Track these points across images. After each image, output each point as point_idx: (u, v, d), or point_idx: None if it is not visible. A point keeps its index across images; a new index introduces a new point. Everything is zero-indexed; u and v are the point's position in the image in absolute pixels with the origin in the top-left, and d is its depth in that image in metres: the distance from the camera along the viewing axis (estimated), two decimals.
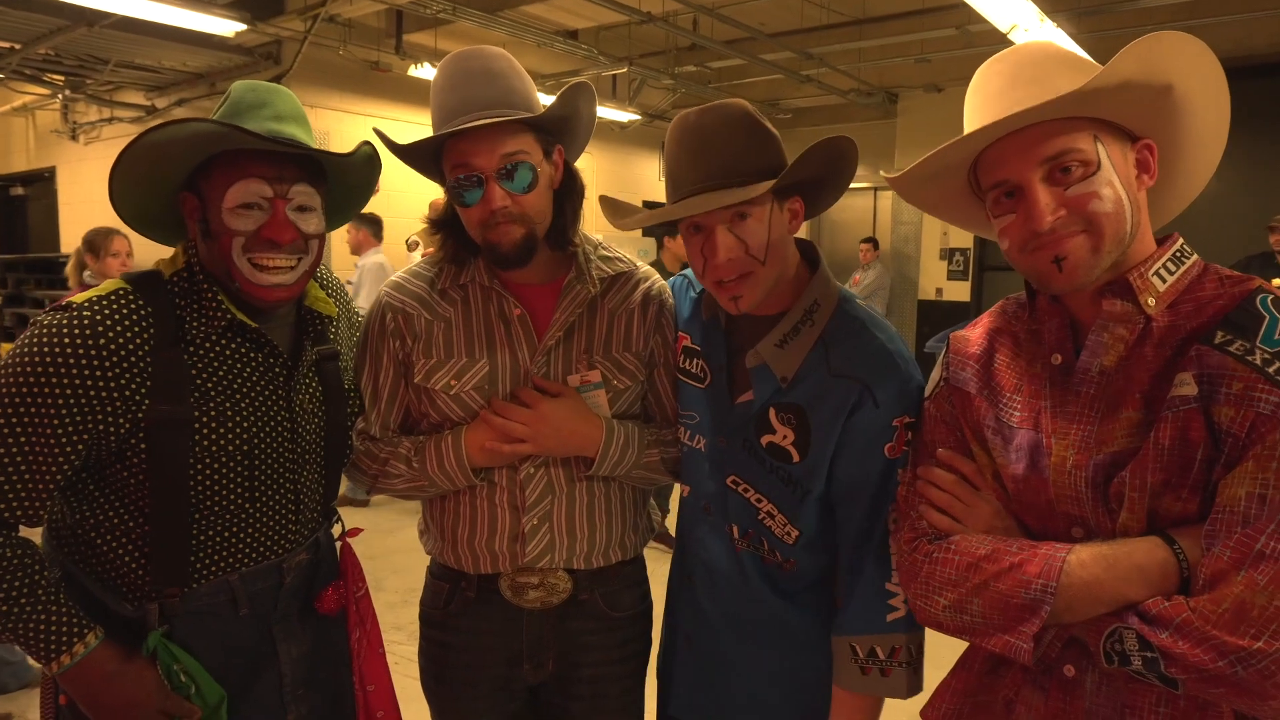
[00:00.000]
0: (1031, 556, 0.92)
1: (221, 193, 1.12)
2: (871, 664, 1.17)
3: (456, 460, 1.28)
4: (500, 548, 1.32)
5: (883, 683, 1.17)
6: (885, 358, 1.18)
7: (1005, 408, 1.03)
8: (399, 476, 1.32)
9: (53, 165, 8.71)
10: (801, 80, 7.20)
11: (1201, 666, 0.80)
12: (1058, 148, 0.91)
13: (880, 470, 1.16)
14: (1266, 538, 0.80)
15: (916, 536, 1.05)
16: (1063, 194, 0.92)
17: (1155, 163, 0.95)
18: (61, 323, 1.06)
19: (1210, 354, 0.86)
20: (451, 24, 5.94)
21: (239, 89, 1.18)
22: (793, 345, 1.20)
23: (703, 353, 1.32)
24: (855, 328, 1.21)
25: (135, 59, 6.46)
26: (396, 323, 1.33)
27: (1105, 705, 0.92)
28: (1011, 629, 0.91)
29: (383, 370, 1.34)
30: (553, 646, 1.35)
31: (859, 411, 1.16)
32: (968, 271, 7.46)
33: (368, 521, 1.52)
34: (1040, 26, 4.85)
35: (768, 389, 1.22)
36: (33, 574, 1.08)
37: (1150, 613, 0.84)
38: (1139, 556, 0.87)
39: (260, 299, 1.15)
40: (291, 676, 1.26)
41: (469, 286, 1.33)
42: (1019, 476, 0.99)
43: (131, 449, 1.10)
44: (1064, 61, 0.95)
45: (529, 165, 1.22)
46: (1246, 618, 0.79)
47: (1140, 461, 0.88)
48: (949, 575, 0.98)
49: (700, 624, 1.33)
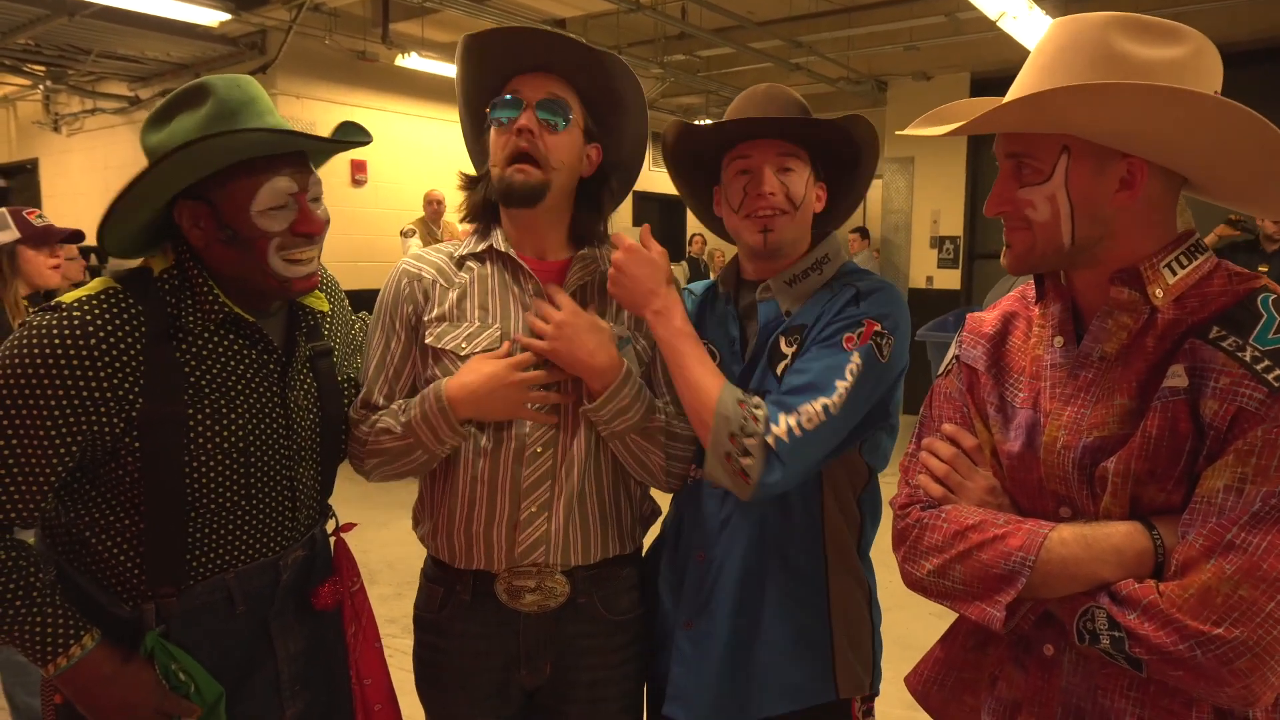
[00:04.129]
0: (1016, 530, 0.94)
1: (248, 197, 1.11)
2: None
3: (438, 408, 1.25)
4: (497, 538, 1.29)
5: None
6: (884, 287, 1.32)
7: (1011, 387, 1.05)
8: (387, 433, 1.29)
9: (35, 157, 8.62)
10: (791, 69, 7.19)
11: (1163, 648, 0.82)
12: (1018, 148, 0.96)
13: (828, 344, 1.24)
14: (1238, 529, 0.82)
15: (910, 503, 1.08)
16: (1015, 189, 0.97)
17: (1142, 180, 0.93)
18: (51, 323, 1.05)
19: (1202, 348, 0.87)
20: (438, 13, 5.90)
21: (224, 87, 1.13)
22: (800, 286, 1.34)
23: (712, 336, 1.40)
24: (860, 273, 1.36)
25: (118, 49, 6.39)
26: (411, 288, 1.34)
27: (1080, 684, 0.95)
28: (987, 598, 0.94)
29: (394, 337, 1.34)
30: (549, 650, 1.33)
31: (845, 308, 1.28)
32: (958, 260, 7.47)
33: (361, 515, 1.51)
34: (1029, 14, 4.85)
35: (770, 315, 1.34)
36: (28, 575, 1.07)
37: (1120, 593, 0.87)
38: (1117, 539, 0.89)
39: (297, 291, 1.19)
40: (289, 673, 1.26)
41: (486, 258, 1.35)
42: (1014, 454, 1.01)
43: (125, 447, 1.09)
44: (1095, 59, 0.90)
45: (566, 108, 1.30)
46: (1210, 604, 0.81)
47: (1127, 449, 0.90)
48: (936, 541, 1.00)
49: (705, 601, 1.33)
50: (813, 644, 1.31)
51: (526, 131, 1.26)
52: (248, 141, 1.08)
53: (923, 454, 1.10)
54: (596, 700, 1.36)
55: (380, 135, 6.35)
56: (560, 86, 1.30)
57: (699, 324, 1.40)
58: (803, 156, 1.31)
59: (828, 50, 6.94)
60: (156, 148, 1.11)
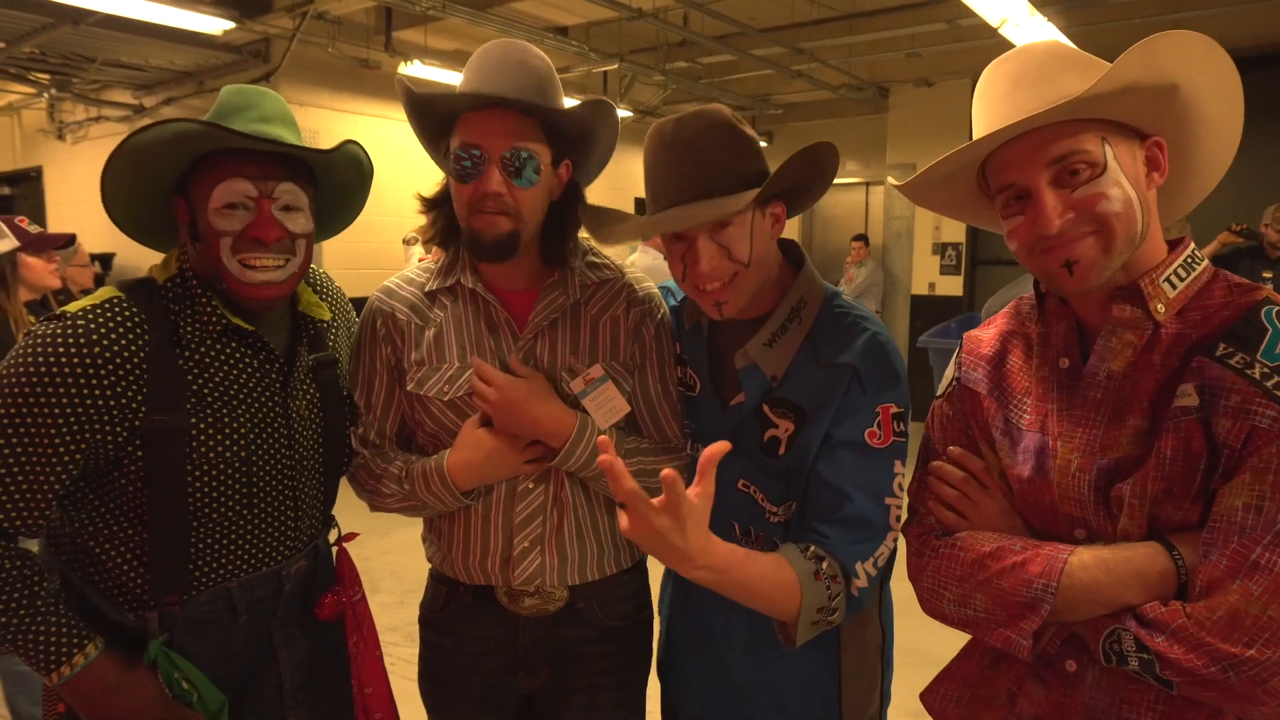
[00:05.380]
0: (1034, 556, 0.94)
1: (208, 194, 1.12)
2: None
3: (441, 482, 1.25)
4: (492, 569, 1.30)
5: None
6: (874, 347, 1.17)
7: (1015, 410, 1.04)
8: (391, 496, 1.30)
9: (40, 165, 8.64)
10: (792, 75, 7.19)
11: (1195, 671, 0.82)
12: (1063, 150, 0.91)
13: (865, 456, 1.12)
14: (1261, 549, 0.82)
15: (925, 532, 1.07)
16: (1070, 196, 0.91)
17: (1165, 160, 0.94)
18: (56, 332, 1.06)
19: (1211, 366, 0.87)
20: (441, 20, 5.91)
21: (226, 93, 1.18)
22: (781, 344, 1.20)
23: (689, 361, 1.32)
24: (844, 322, 1.21)
25: (122, 57, 6.41)
26: (387, 328, 1.32)
27: (1104, 700, 0.94)
28: (1012, 625, 0.93)
29: (376, 377, 1.33)
30: (546, 654, 1.33)
31: (848, 395, 1.15)
32: (960, 266, 7.46)
33: (364, 524, 1.51)
34: (1030, 20, 4.85)
35: (758, 389, 1.21)
36: (32, 585, 1.07)
37: (1147, 617, 0.86)
38: (1139, 562, 0.88)
39: (250, 298, 1.15)
40: (292, 682, 1.26)
41: (457, 290, 1.32)
42: (1024, 478, 1.00)
43: (129, 456, 1.09)
44: (1069, 61, 0.95)
45: (535, 163, 1.21)
46: (1240, 626, 0.81)
47: (1143, 470, 0.89)
48: (954, 571, 1.00)
49: (711, 628, 1.31)
50: (823, 697, 1.27)
51: (494, 195, 1.18)
52: (173, 131, 1.07)
53: (930, 479, 1.09)
54: (594, 707, 1.35)
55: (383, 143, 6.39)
56: (523, 127, 1.20)
57: (680, 341, 1.35)
58: (737, 206, 1.10)
59: (829, 57, 6.94)
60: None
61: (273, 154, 1.14)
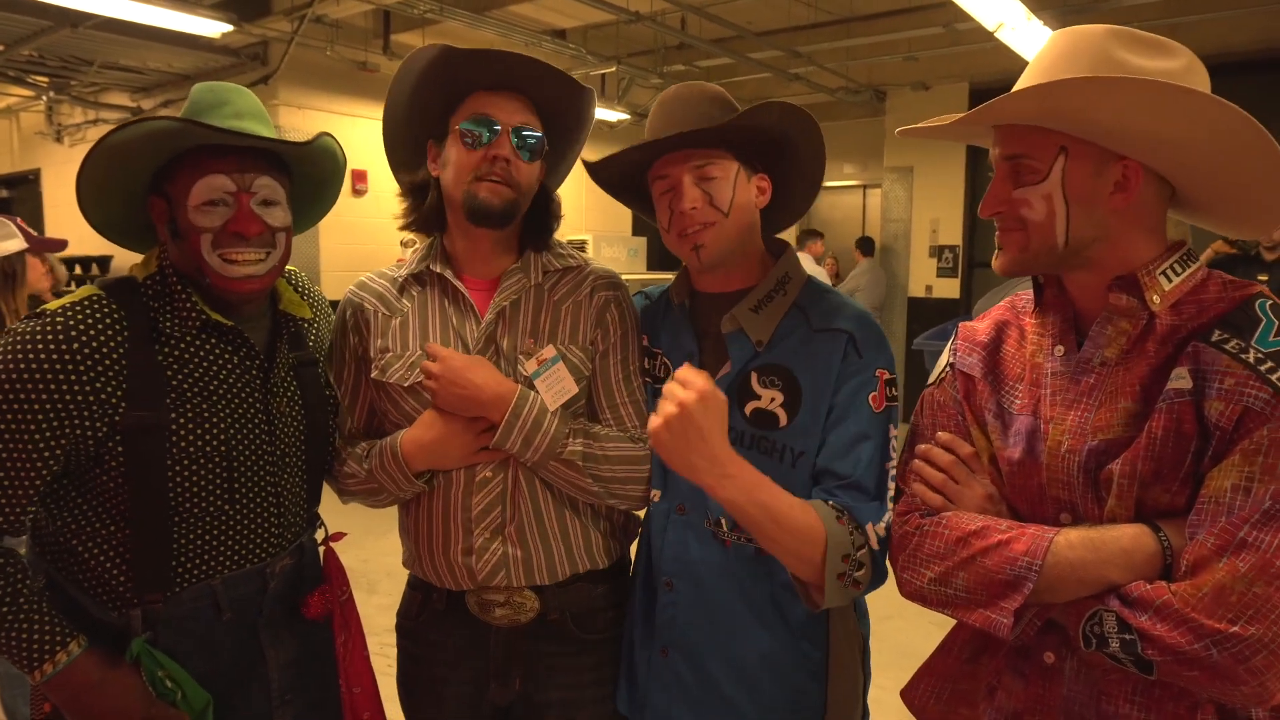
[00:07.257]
0: (1020, 535, 0.94)
1: (186, 191, 1.12)
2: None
3: (394, 461, 1.25)
4: (456, 560, 1.28)
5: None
6: (863, 315, 1.25)
7: (1008, 394, 1.05)
8: (353, 478, 1.31)
9: (37, 167, 8.65)
10: (790, 79, 7.21)
11: (1178, 648, 0.82)
12: (1017, 149, 0.97)
13: (868, 419, 1.17)
14: (1249, 527, 0.82)
15: (909, 510, 1.07)
16: (1011, 190, 0.97)
17: (1137, 182, 0.94)
18: (35, 330, 1.06)
19: (1205, 350, 0.88)
20: (439, 23, 5.92)
21: (199, 90, 1.19)
22: (767, 310, 1.24)
23: (665, 349, 1.33)
24: (829, 296, 1.28)
25: (120, 60, 6.42)
26: (356, 319, 1.34)
27: (1082, 691, 0.95)
28: (993, 604, 0.93)
29: (345, 368, 1.35)
30: (519, 666, 1.31)
31: (846, 360, 1.19)
32: (957, 269, 7.46)
33: (360, 524, 1.51)
34: (1027, 25, 4.86)
35: (745, 354, 1.23)
36: (14, 582, 1.07)
37: (1131, 595, 0.86)
38: (1125, 541, 0.89)
39: (234, 292, 1.16)
40: (280, 682, 1.26)
41: (426, 277, 1.33)
42: (1014, 461, 1.01)
43: (109, 453, 1.09)
44: (1095, 64, 0.92)
45: (540, 141, 1.29)
46: (1225, 602, 0.81)
47: (1133, 450, 0.90)
48: (937, 548, 1.00)
49: (679, 631, 1.27)
50: (810, 706, 1.25)
51: (502, 160, 1.24)
52: (146, 129, 1.07)
53: (916, 462, 1.09)
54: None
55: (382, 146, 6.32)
56: (530, 112, 1.28)
57: (652, 331, 1.36)
58: (725, 157, 1.22)
59: (826, 60, 6.96)
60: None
61: (250, 149, 1.14)
